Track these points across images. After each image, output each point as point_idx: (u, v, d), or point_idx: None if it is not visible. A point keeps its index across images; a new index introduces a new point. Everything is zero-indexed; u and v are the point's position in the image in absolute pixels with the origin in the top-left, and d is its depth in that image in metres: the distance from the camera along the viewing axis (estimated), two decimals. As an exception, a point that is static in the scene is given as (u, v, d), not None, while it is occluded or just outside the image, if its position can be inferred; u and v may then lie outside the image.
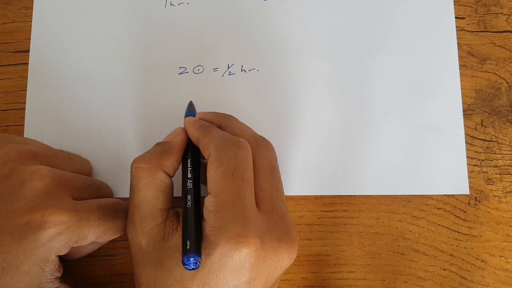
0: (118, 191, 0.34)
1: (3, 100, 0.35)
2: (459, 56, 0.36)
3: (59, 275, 0.28)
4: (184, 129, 0.30)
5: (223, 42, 0.36)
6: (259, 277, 0.25)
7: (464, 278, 0.34)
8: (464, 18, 0.37)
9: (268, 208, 0.27)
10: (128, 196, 0.34)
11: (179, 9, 0.37)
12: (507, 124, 0.35)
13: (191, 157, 0.29)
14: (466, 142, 0.35)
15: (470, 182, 0.34)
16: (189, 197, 0.27)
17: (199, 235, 0.25)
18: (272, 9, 0.37)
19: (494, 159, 0.35)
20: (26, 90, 0.35)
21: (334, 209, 0.34)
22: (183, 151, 0.29)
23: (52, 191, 0.27)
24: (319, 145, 0.35)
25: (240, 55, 0.36)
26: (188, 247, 0.24)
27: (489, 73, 0.36)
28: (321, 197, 0.34)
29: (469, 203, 0.34)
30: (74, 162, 0.32)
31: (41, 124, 0.35)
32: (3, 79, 0.36)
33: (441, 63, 0.36)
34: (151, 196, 0.27)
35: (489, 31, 0.37)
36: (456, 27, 0.36)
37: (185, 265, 0.24)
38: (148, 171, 0.27)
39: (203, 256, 0.25)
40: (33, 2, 0.37)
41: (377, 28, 0.36)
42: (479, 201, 0.34)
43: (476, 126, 0.35)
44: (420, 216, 0.34)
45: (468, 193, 0.34)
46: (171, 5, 0.37)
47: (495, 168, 0.35)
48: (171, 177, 0.28)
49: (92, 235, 0.27)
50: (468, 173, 0.34)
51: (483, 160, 0.35)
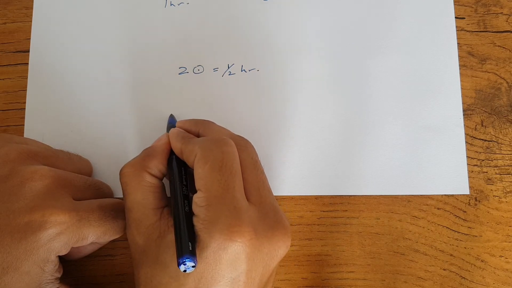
0: (118, 191, 0.34)
1: (3, 100, 0.35)
2: (459, 56, 0.36)
3: (59, 275, 0.28)
4: (168, 135, 0.30)
5: (223, 42, 0.36)
6: (256, 268, 0.25)
7: (464, 278, 0.34)
8: (464, 18, 0.37)
9: (257, 200, 0.27)
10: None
11: (179, 9, 0.37)
12: (507, 124, 0.35)
13: (176, 163, 0.29)
14: (466, 142, 0.35)
15: (470, 182, 0.34)
16: (178, 200, 0.27)
17: (192, 237, 0.25)
18: (272, 9, 0.37)
19: (494, 159, 0.35)
20: (26, 90, 0.35)
21: (334, 209, 0.34)
22: (168, 153, 0.30)
23: (52, 191, 0.27)
24: (319, 145, 0.35)
25: (240, 55, 0.36)
26: (182, 250, 0.24)
27: (489, 73, 0.36)
28: (321, 197, 0.34)
29: (469, 203, 0.34)
30: (74, 162, 0.32)
31: (41, 124, 0.35)
32: (3, 79, 0.36)
33: (441, 63, 0.36)
34: (140, 198, 0.27)
35: (489, 31, 0.37)
36: (456, 27, 0.36)
37: (180, 267, 0.24)
38: (133, 175, 0.28)
39: (197, 251, 0.25)
40: (33, 2, 0.37)
41: (377, 28, 0.36)
42: (479, 201, 0.34)
43: (476, 126, 0.35)
44: (420, 216, 0.34)
45: (468, 193, 0.34)
46: (171, 5, 0.37)
47: (495, 168, 0.35)
48: (158, 178, 0.29)
49: (93, 235, 0.27)
50: (468, 173, 0.35)
51: (483, 160, 0.35)
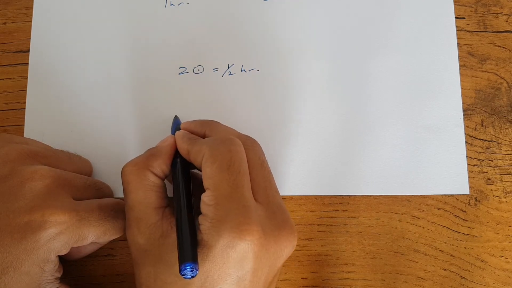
0: (118, 191, 0.34)
1: (3, 100, 0.35)
2: (459, 56, 0.36)
3: (59, 275, 0.28)
4: (173, 137, 0.30)
5: (223, 42, 0.36)
6: (262, 267, 0.25)
7: (464, 278, 0.34)
8: (464, 18, 0.37)
9: (264, 200, 0.27)
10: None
11: (179, 9, 0.37)
12: (507, 124, 0.35)
13: (181, 167, 0.29)
14: (466, 142, 0.35)
15: (470, 182, 0.34)
16: (181, 203, 0.27)
17: (194, 242, 0.25)
18: (272, 9, 0.37)
19: (494, 159, 0.35)
20: (26, 90, 0.35)
21: (334, 209, 0.34)
22: (172, 154, 0.30)
23: (52, 191, 0.27)
24: (319, 145, 0.35)
25: (240, 55, 0.36)
26: (184, 256, 0.24)
27: (489, 73, 0.36)
28: (321, 197, 0.34)
29: (469, 203, 0.34)
30: (74, 162, 0.32)
31: (41, 124, 0.35)
32: (3, 79, 0.36)
33: (441, 63, 0.36)
34: (142, 196, 0.27)
35: (489, 31, 0.37)
36: (456, 27, 0.36)
37: (182, 274, 0.24)
38: (136, 173, 0.28)
39: (205, 250, 0.25)
40: (33, 2, 0.37)
41: (377, 28, 0.36)
42: (479, 201, 0.34)
43: (476, 126, 0.35)
44: (420, 216, 0.34)
45: (468, 193, 0.34)
46: (171, 5, 0.37)
47: (495, 168, 0.35)
48: (160, 178, 0.29)
49: (92, 235, 0.27)
50: (468, 173, 0.35)
51: (483, 160, 0.35)
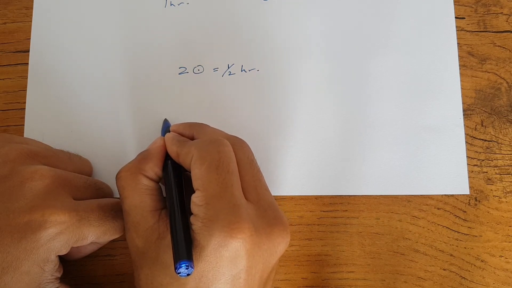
0: (118, 191, 0.34)
1: (3, 100, 0.35)
2: (459, 56, 0.36)
3: (59, 275, 0.28)
4: (163, 138, 0.30)
5: (223, 42, 0.36)
6: (256, 264, 0.25)
7: (464, 278, 0.34)
8: (464, 18, 0.37)
9: (255, 198, 0.27)
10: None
11: (179, 9, 0.37)
12: (507, 124, 0.35)
13: (172, 167, 0.29)
14: (466, 142, 0.35)
15: (470, 182, 0.34)
16: (174, 203, 0.27)
17: (189, 240, 0.25)
18: (272, 9, 0.37)
19: (494, 159, 0.35)
20: (26, 90, 0.35)
21: (334, 209, 0.34)
22: (163, 156, 0.30)
23: (52, 191, 0.27)
24: (319, 145, 0.35)
25: (240, 55, 0.36)
26: (179, 255, 0.24)
27: (489, 73, 0.36)
28: (321, 197, 0.34)
29: (469, 203, 0.34)
30: (74, 162, 0.32)
31: (41, 124, 0.35)
32: (3, 79, 0.36)
33: (441, 63, 0.36)
34: (138, 201, 0.27)
35: (489, 31, 0.37)
36: (456, 27, 0.36)
37: (178, 273, 0.24)
38: (130, 178, 0.28)
39: (198, 250, 0.25)
40: (33, 2, 0.37)
41: (377, 28, 0.36)
42: (479, 201, 0.34)
43: (476, 126, 0.35)
44: (420, 216, 0.34)
45: (468, 193, 0.34)
46: (171, 5, 0.37)
47: (495, 168, 0.35)
48: (154, 181, 0.29)
49: (92, 235, 0.27)
50: (468, 173, 0.35)
51: (483, 160, 0.35)
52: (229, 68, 0.36)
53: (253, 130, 0.34)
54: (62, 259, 0.28)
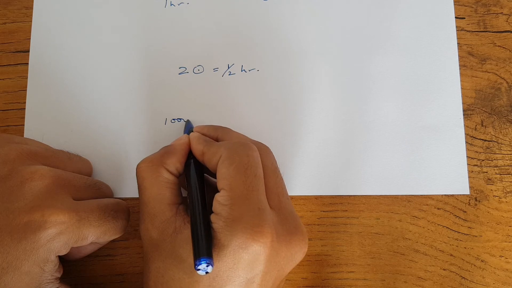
0: (118, 191, 0.34)
1: (3, 100, 0.35)
2: (459, 56, 0.36)
3: (59, 275, 0.28)
4: (188, 136, 0.30)
5: (223, 42, 0.36)
6: (271, 270, 0.26)
7: (464, 278, 0.34)
8: (464, 18, 0.37)
9: (277, 205, 0.27)
10: (128, 196, 0.34)
11: (179, 9, 0.37)
12: (507, 124, 0.35)
13: (195, 166, 0.29)
14: (466, 142, 0.35)
15: (470, 182, 0.34)
16: (196, 201, 0.27)
17: (209, 238, 0.25)
18: (272, 9, 0.37)
19: (494, 159, 0.35)
20: (26, 90, 0.35)
21: (334, 209, 0.34)
22: (186, 153, 0.30)
23: (52, 191, 0.27)
24: (319, 145, 0.35)
25: (240, 55, 0.36)
26: (199, 252, 0.24)
27: (489, 73, 0.36)
28: (321, 197, 0.34)
29: (469, 203, 0.34)
30: (74, 162, 0.32)
31: (41, 124, 0.35)
32: (3, 79, 0.36)
33: (441, 63, 0.36)
34: (157, 193, 0.27)
35: (489, 31, 0.37)
36: (456, 27, 0.36)
37: (197, 269, 0.24)
38: (151, 170, 0.28)
39: (216, 250, 0.25)
40: (33, 2, 0.37)
41: (377, 28, 0.36)
42: (479, 201, 0.34)
43: (476, 126, 0.35)
44: (420, 216, 0.34)
45: (468, 193, 0.34)
46: (171, 5, 0.37)
47: (495, 168, 0.35)
48: (175, 176, 0.29)
49: (92, 235, 0.27)
50: (468, 173, 0.34)
51: (483, 160, 0.35)
52: (229, 68, 0.36)
53: (253, 130, 0.34)
54: (62, 259, 0.28)
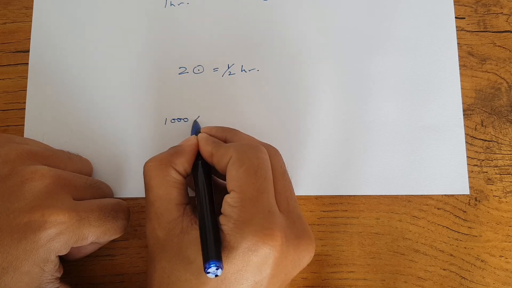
0: (118, 191, 0.34)
1: (3, 100, 0.35)
2: (459, 56, 0.36)
3: (59, 275, 0.28)
4: (196, 137, 0.30)
5: (223, 42, 0.36)
6: (279, 274, 0.25)
7: (464, 278, 0.34)
8: (464, 18, 0.37)
9: (285, 208, 0.27)
10: (128, 196, 0.34)
11: (179, 9, 0.37)
12: (507, 124, 0.35)
13: (202, 167, 0.29)
14: (466, 142, 0.35)
15: (470, 182, 0.34)
16: (205, 202, 0.27)
17: (218, 241, 0.25)
18: (272, 9, 0.37)
19: (494, 159, 0.35)
20: (26, 90, 0.35)
21: (334, 209, 0.34)
22: (194, 154, 0.30)
23: (52, 191, 0.27)
24: (319, 145, 0.35)
25: (240, 55, 0.36)
26: (209, 255, 0.24)
27: (489, 73, 0.36)
28: (321, 197, 0.34)
29: (469, 203, 0.34)
30: (75, 162, 0.32)
31: (41, 124, 0.35)
32: (3, 79, 0.36)
33: (441, 63, 0.36)
34: (164, 192, 0.27)
35: (489, 31, 0.37)
36: (456, 27, 0.36)
37: (207, 272, 0.24)
38: (159, 169, 0.28)
39: (225, 252, 0.25)
40: (33, 2, 0.37)
41: (377, 28, 0.36)
42: (479, 201, 0.34)
43: (476, 126, 0.35)
44: (420, 216, 0.34)
45: (468, 193, 0.34)
46: (171, 5, 0.37)
47: (495, 168, 0.35)
48: (182, 176, 0.29)
49: (92, 235, 0.27)
50: (468, 173, 0.34)
51: (483, 160, 0.35)
52: (229, 68, 0.36)
53: (253, 130, 0.34)
54: (62, 259, 0.28)
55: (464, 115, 0.35)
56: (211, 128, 0.32)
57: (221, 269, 0.24)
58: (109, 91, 0.35)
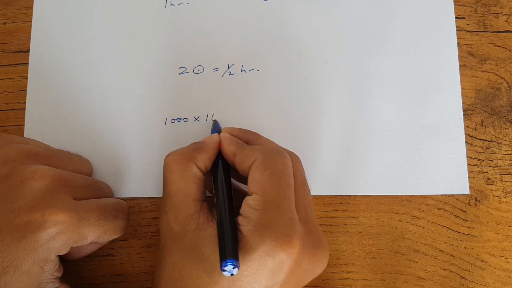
0: (118, 191, 0.34)
1: (3, 100, 0.35)
2: (459, 56, 0.36)
3: (59, 275, 0.28)
4: (219, 136, 0.30)
5: (223, 42, 0.36)
6: (290, 281, 0.25)
7: (464, 278, 0.34)
8: (464, 18, 0.37)
9: (304, 217, 0.27)
10: (128, 196, 0.34)
11: (179, 9, 0.37)
12: (507, 124, 0.35)
13: (223, 167, 0.29)
14: (466, 142, 0.35)
15: (470, 182, 0.34)
16: (224, 201, 0.27)
17: (235, 241, 0.25)
18: (272, 9, 0.37)
19: (494, 159, 0.35)
20: (26, 90, 0.35)
21: (334, 209, 0.34)
22: (216, 152, 0.30)
23: (52, 191, 0.27)
24: (319, 145, 0.35)
25: (240, 55, 0.36)
26: (226, 253, 0.24)
27: (489, 73, 0.36)
28: (321, 197, 0.34)
29: (469, 203, 0.34)
30: (75, 162, 0.32)
31: (41, 124, 0.35)
32: (3, 79, 0.36)
33: (441, 63, 0.36)
34: (183, 186, 0.27)
35: (489, 31, 0.37)
36: (456, 27, 0.36)
37: (223, 270, 0.24)
38: (181, 163, 0.28)
39: (242, 253, 0.25)
40: (33, 2, 0.37)
41: (377, 28, 0.36)
42: (479, 201, 0.34)
43: (476, 126, 0.35)
44: (420, 216, 0.34)
45: (468, 193, 0.34)
46: (171, 5, 0.37)
47: (495, 168, 0.35)
48: (202, 172, 0.29)
49: (92, 235, 0.27)
50: (468, 173, 0.34)
51: (483, 160, 0.35)
52: (229, 68, 0.36)
53: (252, 129, 0.34)
54: (62, 259, 0.28)
55: (464, 115, 0.35)
56: (233, 128, 0.32)
57: (238, 268, 0.24)
58: (109, 91, 0.35)
